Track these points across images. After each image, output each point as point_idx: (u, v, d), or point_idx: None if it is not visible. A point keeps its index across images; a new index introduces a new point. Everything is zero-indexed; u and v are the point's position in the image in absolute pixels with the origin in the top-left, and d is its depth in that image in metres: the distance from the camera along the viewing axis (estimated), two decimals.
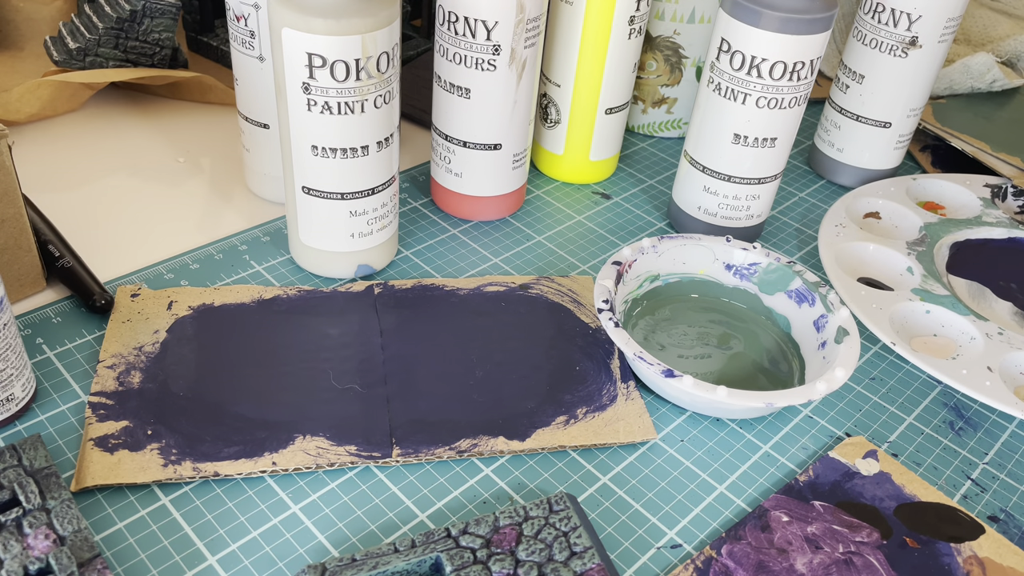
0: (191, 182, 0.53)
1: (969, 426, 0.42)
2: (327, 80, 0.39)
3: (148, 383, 0.38)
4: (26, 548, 0.30)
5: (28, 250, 0.41)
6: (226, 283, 0.45)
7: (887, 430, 0.41)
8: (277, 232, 0.49)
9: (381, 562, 0.31)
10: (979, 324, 0.45)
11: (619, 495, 0.37)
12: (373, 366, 0.40)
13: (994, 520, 0.37)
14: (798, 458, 0.39)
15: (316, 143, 0.41)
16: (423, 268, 0.48)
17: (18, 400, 0.36)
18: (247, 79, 0.47)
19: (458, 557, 0.32)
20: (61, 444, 0.36)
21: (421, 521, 0.35)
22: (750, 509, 0.37)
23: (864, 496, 0.37)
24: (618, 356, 0.43)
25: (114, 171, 0.53)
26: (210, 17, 0.64)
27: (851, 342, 0.40)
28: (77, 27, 0.57)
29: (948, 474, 0.39)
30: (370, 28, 0.38)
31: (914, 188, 0.57)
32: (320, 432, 0.37)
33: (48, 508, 0.32)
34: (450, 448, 0.37)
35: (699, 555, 0.34)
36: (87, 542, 0.31)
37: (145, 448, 0.35)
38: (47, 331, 0.41)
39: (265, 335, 0.41)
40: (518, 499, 0.36)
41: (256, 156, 0.50)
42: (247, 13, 0.45)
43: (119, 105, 0.60)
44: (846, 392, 0.43)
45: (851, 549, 0.35)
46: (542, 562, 0.32)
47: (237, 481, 0.35)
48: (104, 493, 0.34)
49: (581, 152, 0.56)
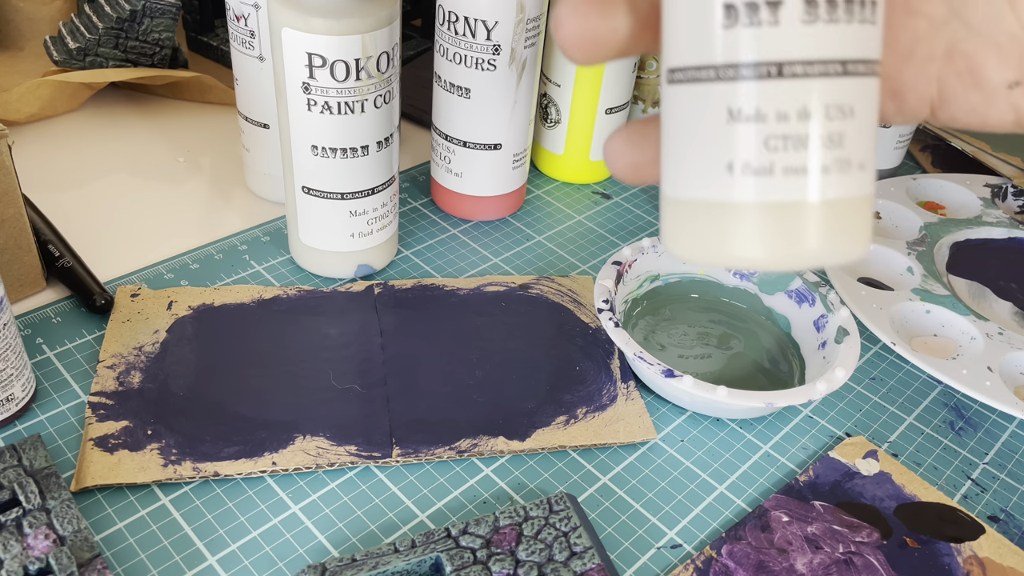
0: (191, 182, 0.53)
1: (969, 426, 0.42)
2: (327, 80, 0.39)
3: (148, 383, 0.38)
4: (26, 548, 0.30)
5: (28, 250, 0.41)
6: (226, 283, 0.45)
7: (887, 430, 0.41)
8: (277, 232, 0.49)
9: (381, 562, 0.31)
10: (979, 324, 0.45)
11: (619, 495, 0.37)
12: (373, 366, 0.40)
13: (994, 520, 0.37)
14: (798, 458, 0.39)
15: (316, 143, 0.41)
16: (423, 268, 0.48)
17: (18, 400, 0.36)
18: (247, 79, 0.47)
19: (458, 557, 0.31)
20: (61, 444, 0.36)
21: (421, 521, 0.35)
22: (750, 509, 0.37)
23: (864, 496, 0.37)
24: (618, 356, 0.42)
25: (114, 171, 0.53)
26: (210, 17, 0.64)
27: (851, 342, 0.40)
28: (77, 27, 0.57)
29: (948, 474, 0.39)
30: (370, 28, 0.38)
31: (914, 188, 0.57)
32: (320, 432, 0.37)
33: (48, 508, 0.32)
34: (450, 448, 0.37)
35: (699, 555, 0.34)
36: (87, 542, 0.31)
37: (145, 448, 0.35)
38: (47, 331, 0.41)
39: (265, 335, 0.41)
40: (518, 499, 0.36)
41: (256, 156, 0.50)
42: (247, 13, 0.45)
43: (119, 105, 0.60)
44: (846, 392, 0.43)
45: (851, 549, 0.35)
46: (542, 562, 0.32)
47: (237, 481, 0.35)
48: (104, 493, 0.34)
49: (581, 152, 0.56)
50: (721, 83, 0.18)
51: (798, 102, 0.18)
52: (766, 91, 0.18)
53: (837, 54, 0.18)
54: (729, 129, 0.18)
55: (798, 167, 0.18)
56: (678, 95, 0.19)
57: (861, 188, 0.19)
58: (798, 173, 0.18)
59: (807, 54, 0.18)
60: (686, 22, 0.18)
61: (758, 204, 0.18)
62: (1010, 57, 0.21)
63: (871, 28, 0.18)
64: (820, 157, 0.18)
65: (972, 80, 0.21)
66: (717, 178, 0.19)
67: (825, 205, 0.18)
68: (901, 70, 0.21)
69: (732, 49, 0.18)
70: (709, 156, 0.19)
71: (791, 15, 0.17)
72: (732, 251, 0.19)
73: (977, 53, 0.21)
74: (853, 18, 0.18)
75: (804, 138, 0.18)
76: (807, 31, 0.18)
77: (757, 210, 0.18)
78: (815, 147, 0.18)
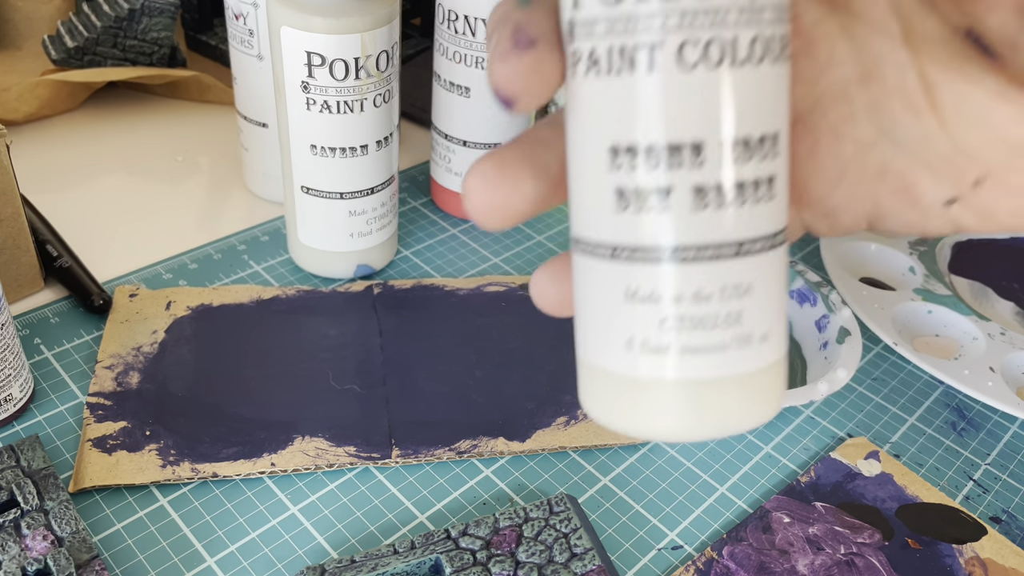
0: (190, 181, 0.53)
1: (971, 427, 0.42)
2: (326, 79, 0.39)
3: (146, 383, 0.38)
4: (24, 549, 0.30)
5: (26, 250, 0.41)
6: (225, 283, 0.45)
7: (889, 431, 0.41)
8: (276, 232, 0.49)
9: (380, 564, 0.31)
10: (981, 324, 0.45)
11: (620, 496, 0.36)
12: (372, 366, 0.40)
13: (996, 521, 0.37)
14: (799, 459, 0.39)
15: (315, 142, 0.41)
16: (423, 268, 0.48)
17: (16, 401, 0.36)
18: (246, 78, 0.47)
19: (458, 559, 0.31)
20: (59, 445, 0.36)
21: (421, 522, 0.35)
22: (751, 510, 0.36)
23: (866, 497, 0.37)
24: None
25: (112, 170, 0.53)
26: (209, 16, 0.64)
27: (853, 342, 0.40)
28: (75, 26, 0.57)
29: (950, 475, 0.39)
30: (369, 27, 0.38)
31: None
32: (319, 433, 0.37)
33: (46, 509, 0.32)
34: (450, 449, 0.37)
35: (700, 556, 0.34)
36: (85, 543, 0.31)
37: (143, 449, 0.35)
38: (45, 331, 0.41)
39: (264, 335, 0.41)
40: (518, 500, 0.36)
41: (255, 155, 0.50)
42: (246, 12, 0.45)
43: (117, 104, 0.59)
44: (848, 393, 0.43)
45: (853, 550, 0.35)
46: (542, 564, 0.32)
47: (236, 482, 0.35)
48: (102, 494, 0.34)
49: None
50: (617, 263, 0.18)
51: (692, 285, 0.18)
52: (660, 274, 0.18)
53: (730, 237, 0.18)
54: (627, 308, 0.18)
55: (696, 347, 0.18)
56: (583, 264, 0.19)
57: (764, 359, 0.19)
58: (696, 352, 0.18)
59: (698, 239, 0.18)
60: (585, 199, 0.19)
61: (658, 381, 0.19)
62: (944, 175, 0.20)
63: (769, 204, 0.18)
64: (718, 336, 0.18)
65: (907, 199, 0.21)
66: (619, 352, 0.19)
67: (725, 381, 0.19)
68: (831, 194, 0.21)
69: (625, 232, 0.18)
70: (611, 330, 0.19)
71: (681, 202, 0.17)
72: (640, 423, 0.19)
73: (910, 172, 0.20)
74: (746, 201, 0.18)
75: (700, 319, 0.18)
76: (698, 217, 0.18)
77: (659, 386, 0.19)
78: (712, 327, 0.18)
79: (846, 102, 0.20)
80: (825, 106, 0.20)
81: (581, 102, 0.18)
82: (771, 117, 0.18)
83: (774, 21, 0.17)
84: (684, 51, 0.17)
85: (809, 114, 0.21)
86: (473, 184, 0.19)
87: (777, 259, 0.19)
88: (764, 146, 0.18)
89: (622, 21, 0.17)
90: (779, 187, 0.18)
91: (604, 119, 0.18)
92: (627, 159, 0.18)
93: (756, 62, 0.17)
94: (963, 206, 0.20)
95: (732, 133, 0.17)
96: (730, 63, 0.17)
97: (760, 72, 0.17)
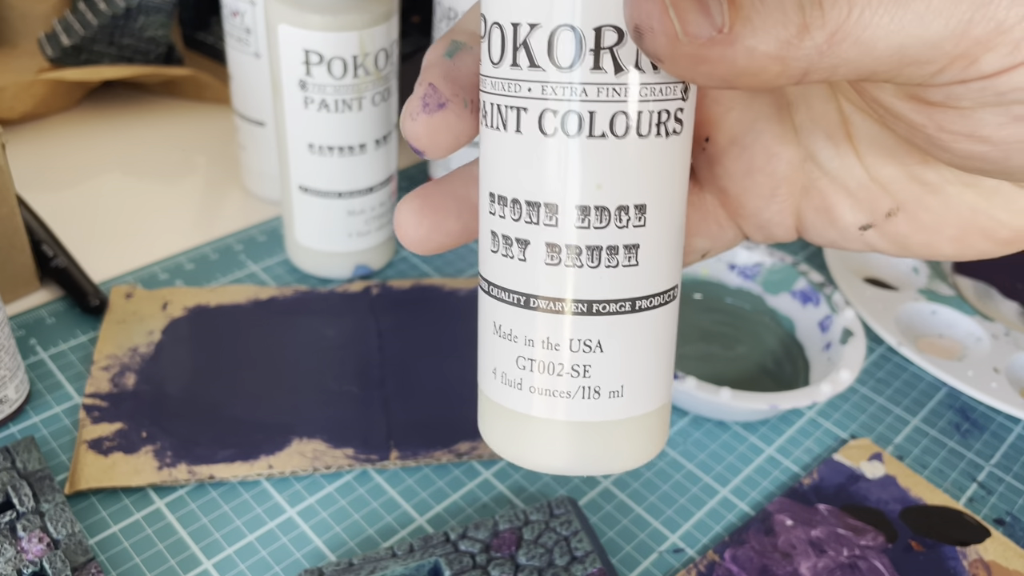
0: (186, 181, 0.52)
1: (975, 428, 0.41)
2: (324, 77, 0.38)
3: (143, 385, 0.38)
4: (20, 552, 0.30)
5: (22, 250, 0.41)
6: (222, 283, 0.45)
7: (892, 432, 0.41)
8: (273, 232, 0.49)
9: (379, 567, 0.31)
10: (985, 325, 0.45)
11: (620, 499, 0.36)
12: (371, 367, 0.40)
13: (1000, 523, 0.37)
14: (802, 461, 0.39)
15: (313, 141, 0.40)
16: (421, 268, 0.48)
17: (11, 402, 0.36)
18: (243, 76, 0.47)
19: (457, 562, 0.31)
20: (55, 446, 0.35)
21: (419, 525, 0.34)
22: (753, 512, 0.36)
23: (869, 499, 0.37)
24: None
25: (109, 170, 0.53)
26: (205, 13, 0.64)
27: (856, 343, 0.39)
28: (71, 24, 0.56)
29: (954, 477, 0.39)
30: (368, 24, 0.38)
31: None
32: (317, 434, 0.36)
33: (42, 511, 0.31)
34: (449, 451, 0.37)
35: (702, 559, 0.34)
36: (81, 546, 0.30)
37: (140, 451, 0.35)
38: (41, 332, 0.41)
39: (261, 336, 0.41)
40: (518, 503, 0.36)
41: (252, 154, 0.50)
42: (243, 9, 0.44)
43: (114, 103, 0.59)
44: (851, 394, 0.42)
45: (856, 553, 0.34)
46: (542, 567, 0.31)
47: (233, 484, 0.35)
48: (98, 496, 0.34)
49: None
50: (489, 297, 0.20)
51: (542, 332, 0.19)
52: (515, 316, 0.19)
53: (582, 295, 0.19)
54: (493, 339, 0.20)
55: (545, 388, 0.20)
56: (479, 294, 0.21)
57: (615, 414, 0.20)
58: (544, 394, 0.20)
59: (549, 292, 0.19)
60: (480, 235, 0.20)
61: (511, 411, 0.20)
62: (860, 202, 0.22)
63: (628, 271, 0.19)
64: (564, 383, 0.19)
65: (827, 218, 0.22)
66: (487, 378, 0.21)
67: (570, 426, 0.20)
68: (764, 209, 0.23)
69: (495, 272, 0.20)
70: (484, 357, 0.21)
71: (535, 255, 0.19)
72: (503, 447, 0.21)
73: (830, 195, 0.22)
74: (599, 265, 0.19)
75: (548, 364, 0.19)
76: (550, 271, 0.19)
77: (511, 416, 0.20)
78: (559, 374, 0.19)
79: (779, 124, 0.22)
80: (759, 128, 0.22)
81: (481, 147, 0.20)
82: (635, 189, 0.19)
83: (652, 99, 0.18)
84: (544, 118, 0.18)
85: (744, 135, 0.22)
86: (401, 219, 0.21)
87: (641, 322, 0.20)
88: (624, 216, 0.19)
89: (501, 83, 0.18)
90: (646, 254, 0.19)
91: (488, 166, 0.19)
92: (499, 207, 0.19)
93: (619, 135, 0.18)
94: (877, 233, 0.22)
95: (584, 200, 0.18)
96: (587, 135, 0.18)
97: (623, 145, 0.18)
